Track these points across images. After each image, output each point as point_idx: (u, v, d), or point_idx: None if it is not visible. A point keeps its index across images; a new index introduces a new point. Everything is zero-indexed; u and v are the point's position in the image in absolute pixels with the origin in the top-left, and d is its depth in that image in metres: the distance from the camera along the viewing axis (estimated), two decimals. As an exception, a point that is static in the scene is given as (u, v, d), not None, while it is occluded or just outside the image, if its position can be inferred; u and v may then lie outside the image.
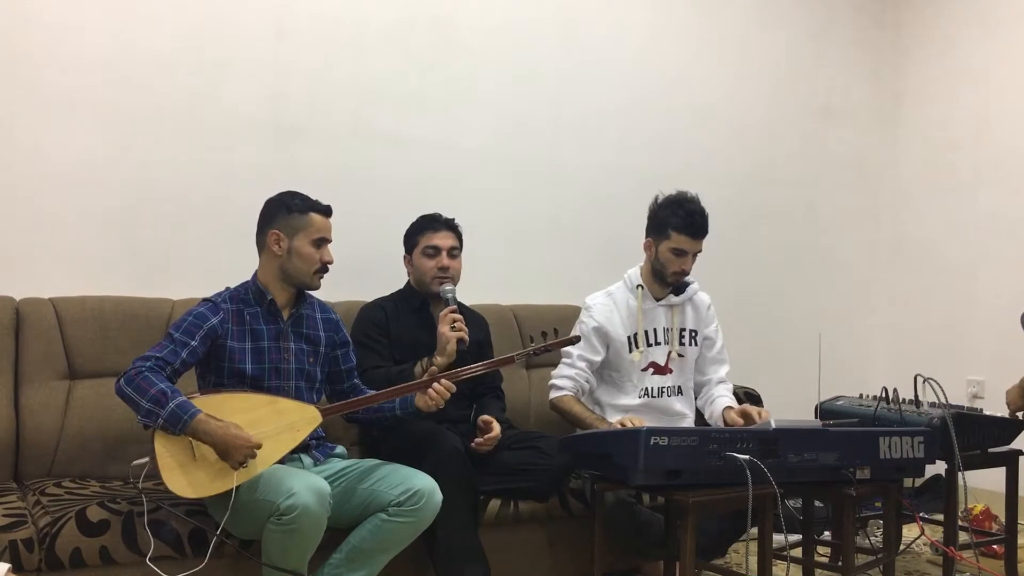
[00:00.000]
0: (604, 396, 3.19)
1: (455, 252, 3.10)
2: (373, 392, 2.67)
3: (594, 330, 3.13)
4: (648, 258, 3.20)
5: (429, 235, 3.08)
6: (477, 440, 2.85)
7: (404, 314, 3.08)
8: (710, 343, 3.31)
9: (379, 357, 2.96)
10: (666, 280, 3.17)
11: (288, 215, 2.60)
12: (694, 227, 3.09)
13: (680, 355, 3.22)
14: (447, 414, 2.88)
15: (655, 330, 3.20)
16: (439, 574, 2.64)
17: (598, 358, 3.14)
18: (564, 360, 3.16)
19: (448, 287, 3.00)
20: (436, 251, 3.06)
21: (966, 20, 4.65)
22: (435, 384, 2.58)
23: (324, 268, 2.63)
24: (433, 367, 2.67)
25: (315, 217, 2.61)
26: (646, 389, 3.16)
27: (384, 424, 2.79)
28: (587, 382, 3.13)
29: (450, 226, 3.12)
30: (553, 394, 3.13)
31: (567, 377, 3.11)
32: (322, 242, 2.62)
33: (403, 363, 2.91)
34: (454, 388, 2.61)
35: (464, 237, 3.16)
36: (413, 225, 3.15)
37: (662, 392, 3.18)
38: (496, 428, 2.88)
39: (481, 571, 2.65)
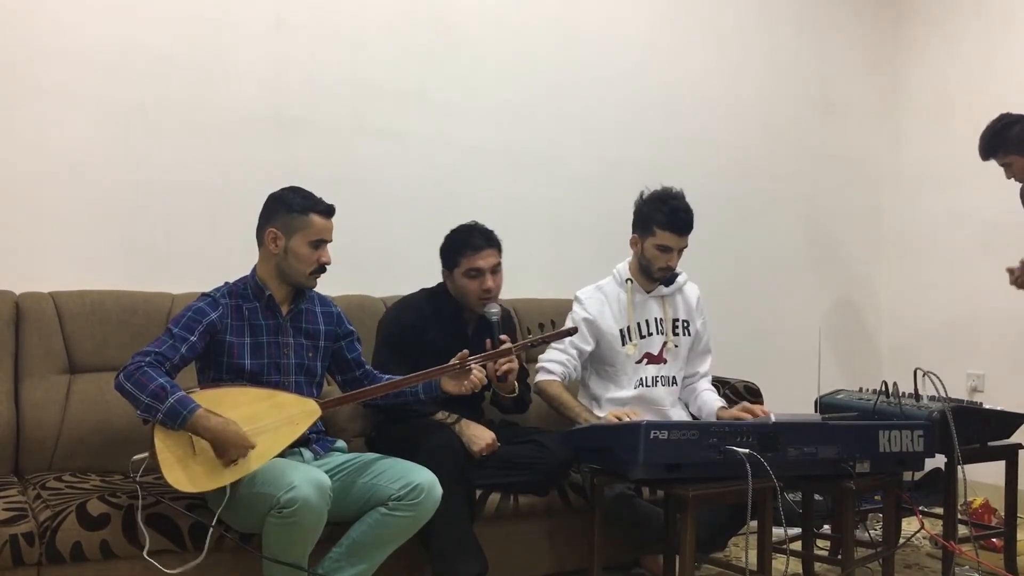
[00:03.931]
0: (599, 390, 3.20)
1: (497, 269, 3.00)
2: (380, 383, 2.65)
3: (584, 321, 3.15)
4: (635, 254, 3.21)
5: (470, 256, 2.96)
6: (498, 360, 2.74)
7: (440, 316, 3.02)
8: (698, 336, 3.33)
9: (401, 357, 2.85)
10: (652, 276, 3.18)
11: (287, 214, 2.57)
12: (678, 224, 3.09)
13: (675, 345, 3.23)
14: (458, 408, 2.88)
15: (647, 321, 3.21)
16: (435, 568, 2.64)
17: (588, 348, 3.16)
18: (557, 346, 3.14)
19: (493, 309, 2.89)
20: (479, 272, 2.96)
21: (966, 13, 4.65)
22: (475, 372, 2.61)
23: (321, 268, 2.61)
24: (464, 351, 2.64)
25: (314, 218, 2.57)
26: (641, 379, 3.17)
27: (405, 410, 2.80)
28: (575, 370, 3.14)
29: (491, 242, 3.00)
30: (541, 376, 3.12)
31: (557, 362, 3.11)
32: (320, 243, 2.58)
33: (425, 366, 2.76)
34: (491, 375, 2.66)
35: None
36: (452, 242, 3.02)
37: (656, 382, 3.19)
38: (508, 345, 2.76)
39: (477, 565, 2.65)
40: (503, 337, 2.79)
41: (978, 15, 4.59)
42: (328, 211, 2.61)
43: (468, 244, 2.98)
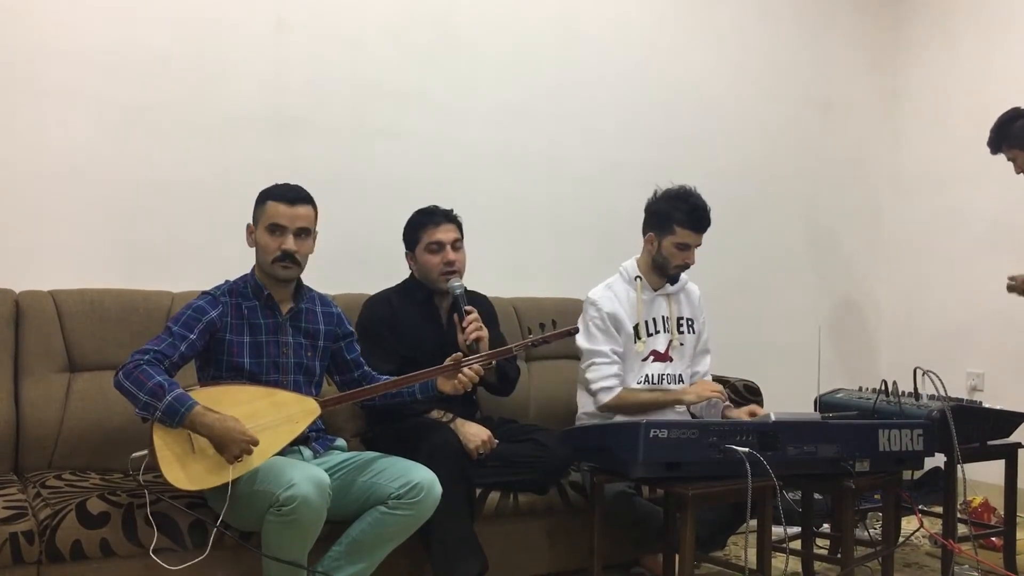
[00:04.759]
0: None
1: (458, 244, 3.04)
2: (379, 383, 2.66)
3: (609, 317, 3.12)
4: (649, 252, 3.21)
5: (430, 230, 3.01)
6: (464, 327, 2.81)
7: (409, 307, 3.06)
8: (700, 335, 3.33)
9: (383, 353, 2.91)
10: (667, 273, 3.19)
11: (255, 206, 2.60)
12: (699, 221, 3.11)
13: (680, 343, 3.24)
14: (453, 407, 2.89)
15: (654, 319, 3.21)
16: (435, 567, 2.64)
17: (622, 349, 3.15)
18: (600, 360, 3.09)
19: (456, 283, 2.94)
20: (440, 246, 2.99)
21: (966, 14, 4.65)
22: (464, 369, 2.60)
23: (284, 256, 2.54)
24: (458, 354, 2.65)
25: (271, 204, 2.55)
26: (646, 376, 3.17)
27: (404, 410, 2.81)
28: (622, 371, 3.13)
29: (449, 218, 3.05)
30: (606, 397, 3.07)
31: (613, 375, 3.09)
32: (277, 228, 2.54)
33: (410, 357, 2.88)
34: (483, 372, 2.64)
35: (464, 231, 3.15)
36: (411, 221, 3.08)
37: (662, 379, 3.19)
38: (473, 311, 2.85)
39: (477, 563, 2.65)
40: (468, 308, 2.83)
41: (978, 15, 4.59)
42: (291, 197, 2.56)
43: (428, 220, 3.03)
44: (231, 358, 2.54)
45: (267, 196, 2.58)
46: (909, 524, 3.48)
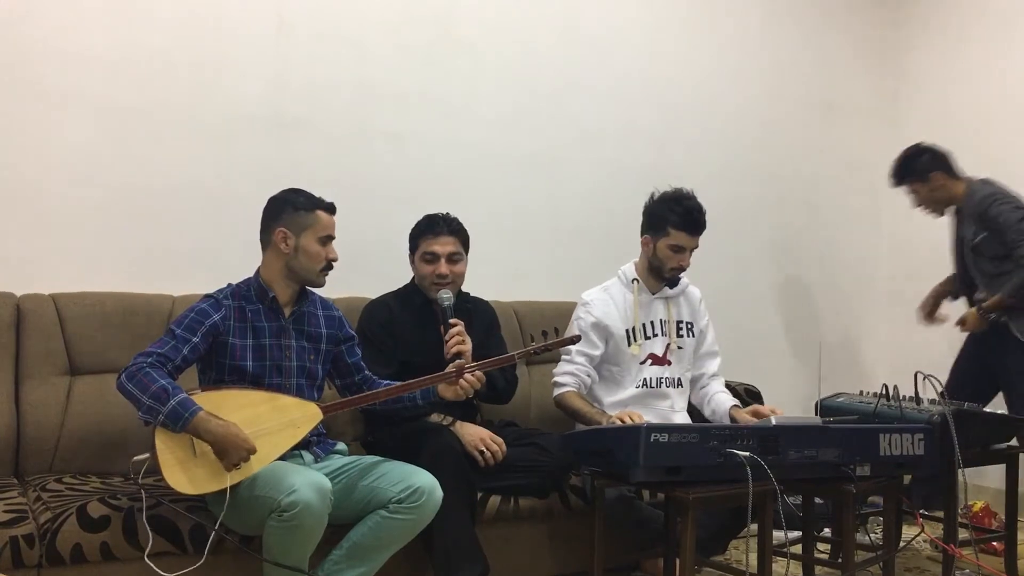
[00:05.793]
0: (601, 393, 3.20)
1: (456, 257, 3.01)
2: (382, 388, 2.66)
3: (592, 325, 3.15)
4: (645, 254, 3.22)
5: (428, 240, 3.01)
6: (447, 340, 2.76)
7: (408, 311, 3.06)
8: (702, 337, 3.33)
9: (384, 357, 2.92)
10: (664, 276, 3.20)
11: (294, 213, 2.59)
12: (693, 224, 3.11)
13: (679, 347, 3.24)
14: (453, 413, 2.89)
15: (652, 322, 3.21)
16: (436, 571, 2.64)
17: (597, 352, 3.16)
18: (564, 357, 3.18)
19: (445, 294, 2.90)
20: (434, 257, 2.99)
21: (967, 14, 4.65)
22: (466, 375, 2.60)
23: (329, 265, 2.62)
24: (461, 360, 2.65)
25: (321, 215, 2.60)
26: (644, 380, 3.17)
27: (404, 415, 2.81)
28: (588, 376, 3.15)
29: (452, 229, 3.02)
30: (556, 391, 3.15)
31: (568, 373, 3.14)
32: (328, 239, 2.61)
33: (408, 361, 2.89)
34: (484, 379, 2.64)
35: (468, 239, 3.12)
36: (417, 225, 3.07)
37: (660, 383, 3.19)
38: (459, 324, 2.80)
39: (479, 568, 2.65)
40: (454, 320, 2.81)
41: (979, 16, 4.59)
42: (331, 208, 2.65)
43: (429, 228, 3.03)
44: (233, 361, 2.53)
45: (314, 205, 2.60)
46: (910, 529, 3.48)
